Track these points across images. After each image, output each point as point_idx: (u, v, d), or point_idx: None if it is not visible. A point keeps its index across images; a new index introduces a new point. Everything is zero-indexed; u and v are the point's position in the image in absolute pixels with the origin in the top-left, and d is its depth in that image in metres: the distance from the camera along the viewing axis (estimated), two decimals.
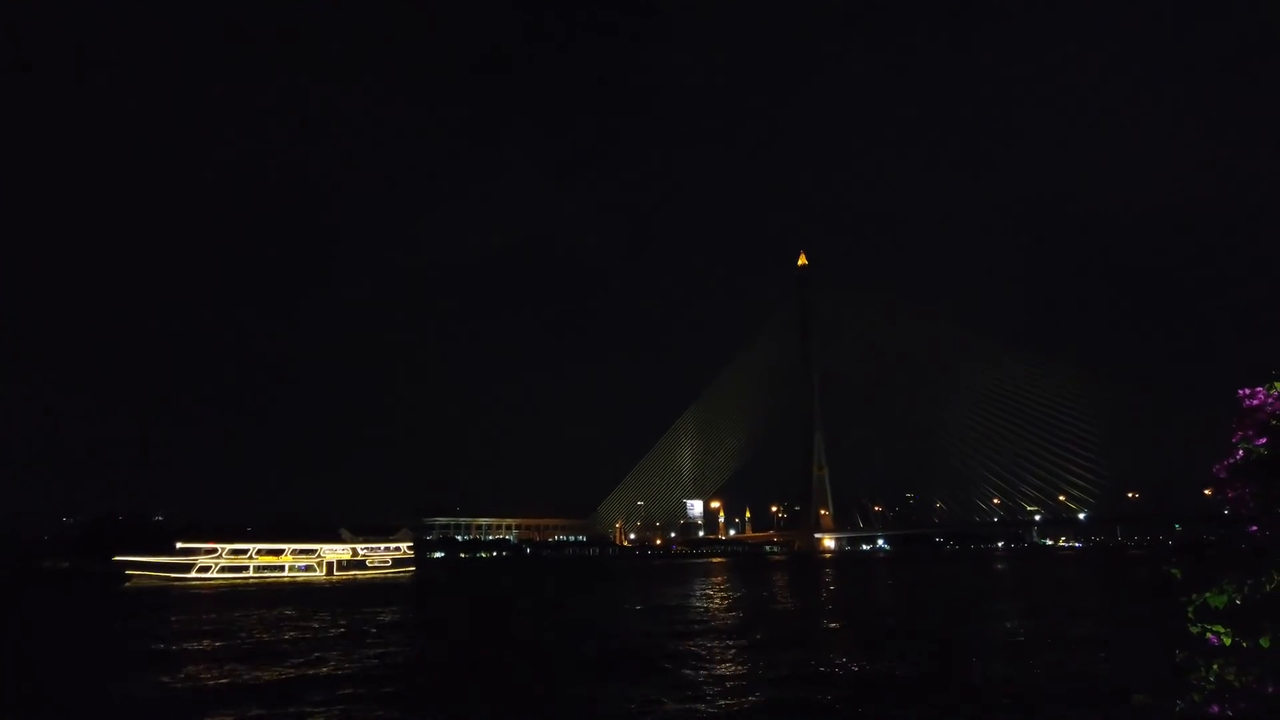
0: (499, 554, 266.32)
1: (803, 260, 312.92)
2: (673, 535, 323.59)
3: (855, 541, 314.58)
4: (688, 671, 35.57)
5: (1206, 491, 8.07)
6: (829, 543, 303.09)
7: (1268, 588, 6.85)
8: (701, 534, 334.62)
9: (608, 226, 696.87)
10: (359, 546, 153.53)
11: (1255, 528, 7.25)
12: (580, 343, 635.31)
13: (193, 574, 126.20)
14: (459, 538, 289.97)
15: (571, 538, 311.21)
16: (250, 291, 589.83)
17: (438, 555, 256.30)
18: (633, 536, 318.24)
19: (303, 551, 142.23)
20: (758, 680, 33.64)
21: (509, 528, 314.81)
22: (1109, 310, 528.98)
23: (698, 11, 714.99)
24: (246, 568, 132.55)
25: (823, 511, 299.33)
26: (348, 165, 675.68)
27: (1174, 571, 7.35)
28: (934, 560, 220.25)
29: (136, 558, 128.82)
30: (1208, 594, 7.05)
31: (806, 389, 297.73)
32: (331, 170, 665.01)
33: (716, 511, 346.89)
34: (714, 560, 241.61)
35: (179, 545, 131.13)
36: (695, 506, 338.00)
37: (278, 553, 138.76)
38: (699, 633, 50.99)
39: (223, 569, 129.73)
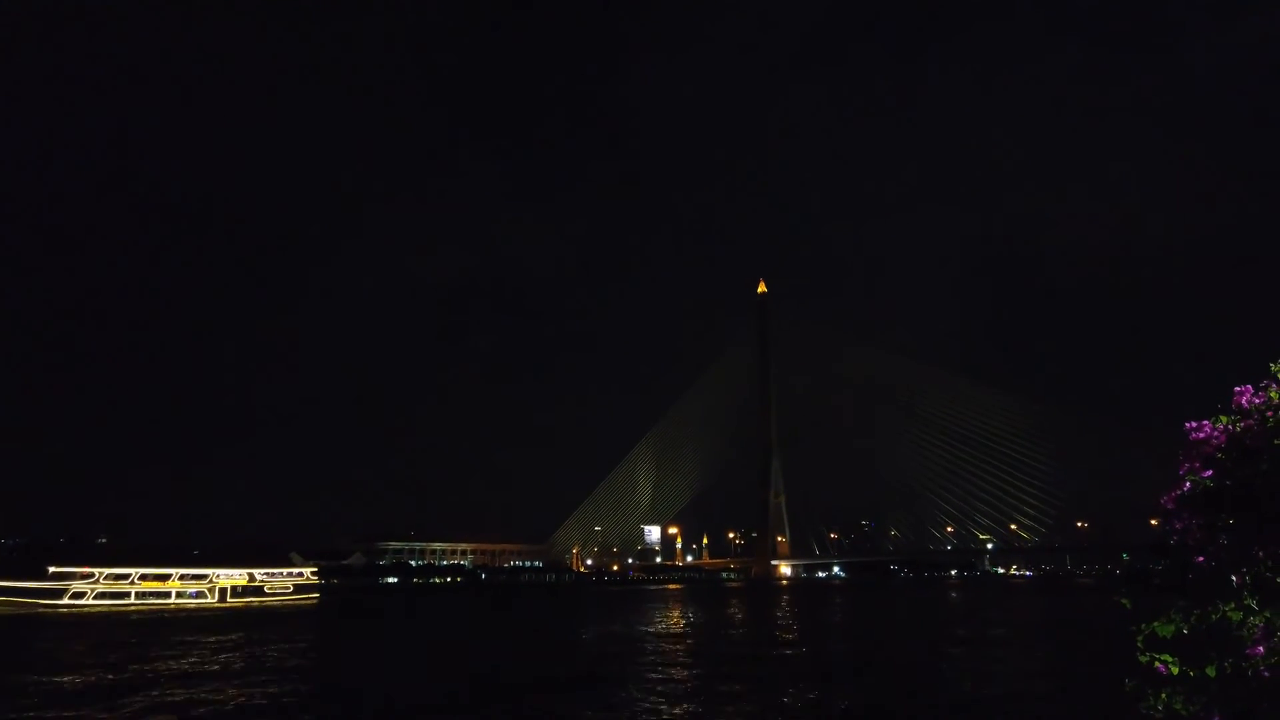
0: (453, 579, 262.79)
1: (762, 288, 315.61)
2: (630, 561, 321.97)
3: (811, 568, 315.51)
4: (635, 698, 35.25)
5: (1154, 521, 8.23)
6: (785, 569, 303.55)
7: (1214, 618, 6.97)
8: (659, 560, 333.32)
9: (567, 252, 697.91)
10: (257, 572, 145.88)
11: (1202, 558, 7.39)
12: (537, 368, 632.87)
13: (64, 601, 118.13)
14: (413, 563, 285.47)
15: (528, 563, 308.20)
16: (209, 315, 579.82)
17: (391, 580, 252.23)
18: (590, 562, 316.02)
19: (194, 577, 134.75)
20: (712, 714, 33.45)
21: (464, 553, 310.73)
22: (1059, 342, 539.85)
23: (663, 42, 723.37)
24: (127, 594, 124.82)
25: (780, 538, 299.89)
26: (306, 188, 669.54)
27: (1123, 601, 7.46)
28: (888, 588, 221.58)
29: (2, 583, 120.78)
30: (1156, 624, 7.16)
31: (764, 416, 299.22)
32: (290, 192, 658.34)
33: (674, 538, 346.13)
34: (671, 587, 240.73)
35: (51, 570, 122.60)
36: (653, 532, 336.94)
37: (164, 578, 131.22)
38: (652, 663, 50.65)
39: (100, 595, 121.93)
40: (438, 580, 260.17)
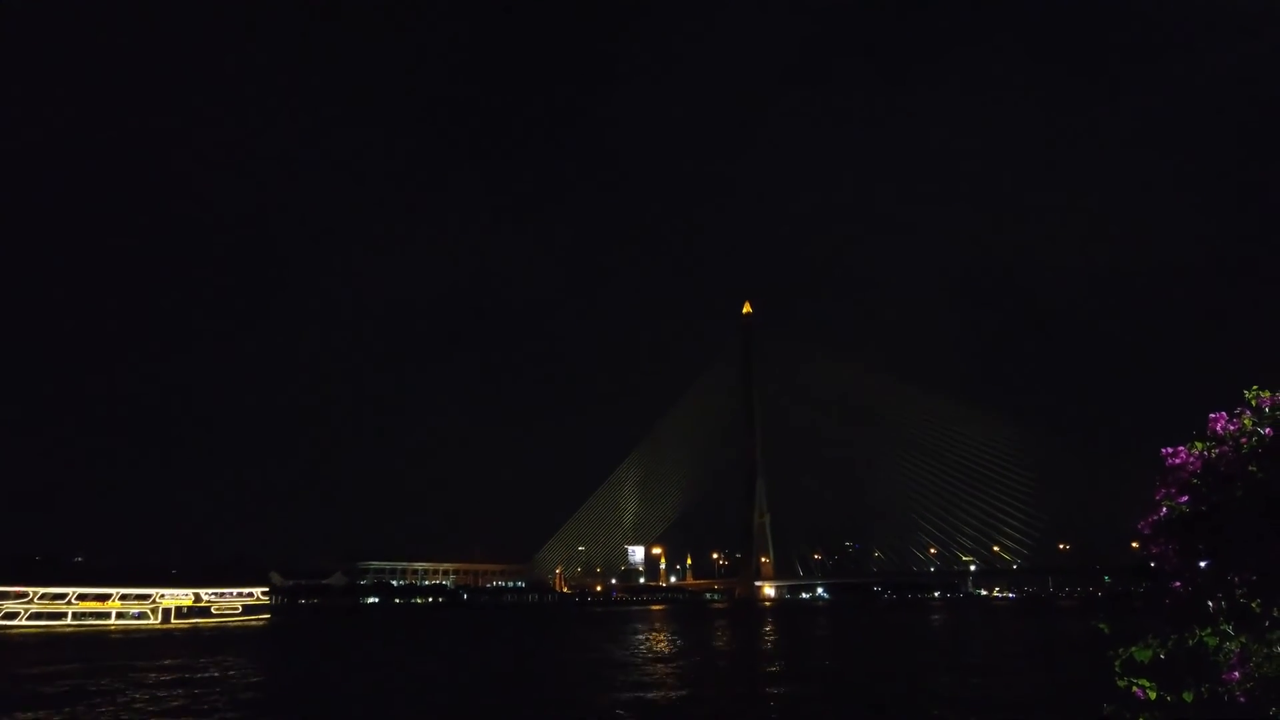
0: (435, 599, 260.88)
1: (747, 308, 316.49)
2: (613, 582, 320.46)
3: (795, 590, 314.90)
4: None
5: (1134, 545, 8.30)
6: (769, 591, 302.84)
7: (1191, 643, 7.04)
8: (643, 581, 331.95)
9: (551, 269, 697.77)
10: (204, 592, 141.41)
11: (1179, 583, 7.46)
12: (521, 386, 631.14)
13: None
14: (394, 582, 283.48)
15: (510, 583, 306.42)
16: (189, 333, 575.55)
17: (373, 600, 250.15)
18: (573, 583, 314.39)
19: (136, 597, 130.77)
20: None
21: (446, 573, 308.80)
22: (1041, 364, 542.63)
23: (648, 60, 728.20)
24: (64, 615, 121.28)
25: (764, 559, 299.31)
26: (289, 206, 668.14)
27: (1102, 626, 7.52)
28: (873, 610, 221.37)
29: None
30: (1134, 648, 7.22)
31: (749, 436, 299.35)
32: (272, 210, 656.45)
33: (658, 558, 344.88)
34: (654, 608, 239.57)
35: None
36: (636, 553, 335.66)
37: (104, 598, 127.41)
38: (633, 693, 50.39)
39: (34, 616, 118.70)
40: (419, 600, 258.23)
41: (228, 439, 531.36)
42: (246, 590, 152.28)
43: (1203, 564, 7.23)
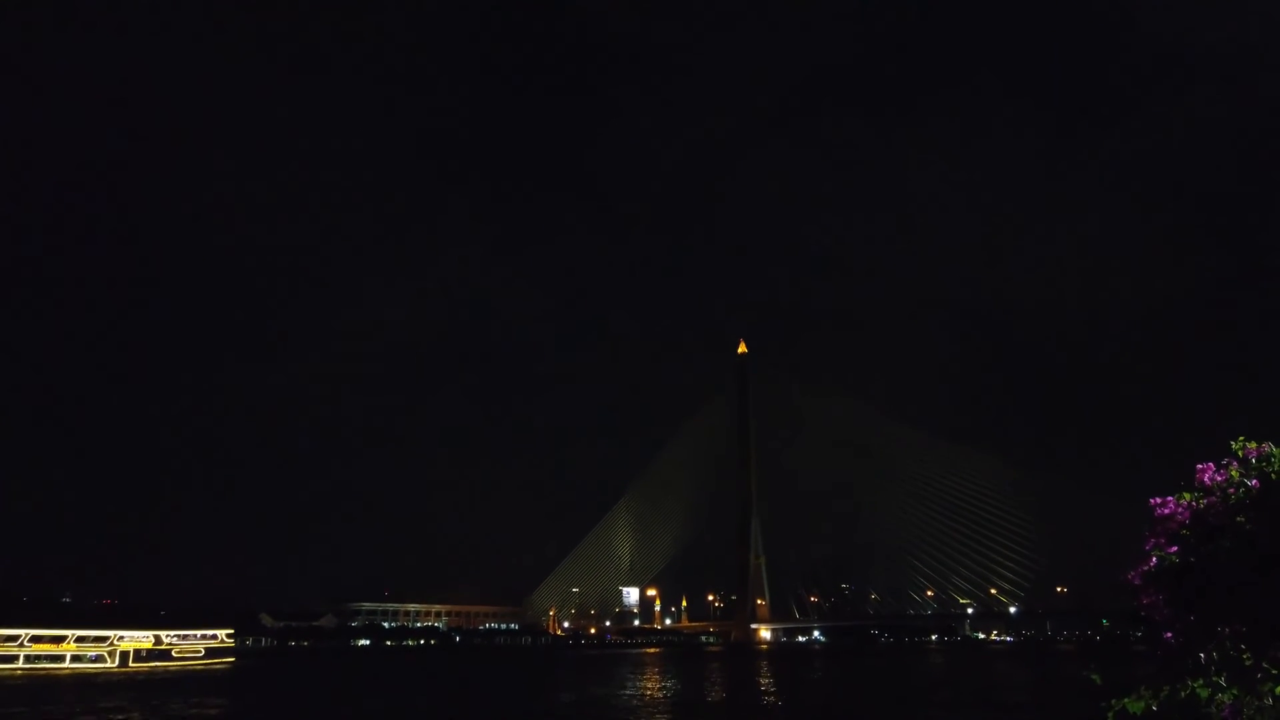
0: (427, 641, 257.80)
1: (742, 348, 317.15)
2: (607, 624, 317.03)
3: (791, 633, 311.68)
4: None
5: (1127, 586, 8.31)
6: (765, 634, 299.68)
7: (1183, 694, 7.03)
8: (637, 623, 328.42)
9: (544, 309, 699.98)
10: (165, 634, 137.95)
11: (1170, 635, 7.46)
12: (515, 424, 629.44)
13: None
14: (386, 624, 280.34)
15: (503, 625, 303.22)
16: (182, 364, 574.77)
17: (363, 643, 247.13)
18: (566, 625, 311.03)
19: (93, 639, 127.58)
20: None
21: (438, 615, 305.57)
22: (1036, 406, 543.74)
23: (642, 98, 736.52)
24: (16, 657, 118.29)
25: (759, 601, 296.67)
26: (282, 244, 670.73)
27: (1094, 676, 7.51)
28: (870, 653, 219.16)
29: None
30: (1126, 700, 7.21)
31: (744, 477, 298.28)
32: (264, 247, 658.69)
33: (653, 600, 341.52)
34: (649, 651, 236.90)
35: None
36: (631, 594, 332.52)
37: (59, 639, 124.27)
38: None
39: None
40: (411, 643, 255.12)
41: (217, 478, 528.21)
42: (210, 632, 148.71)
43: (1193, 616, 7.25)
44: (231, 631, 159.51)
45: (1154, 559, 7.70)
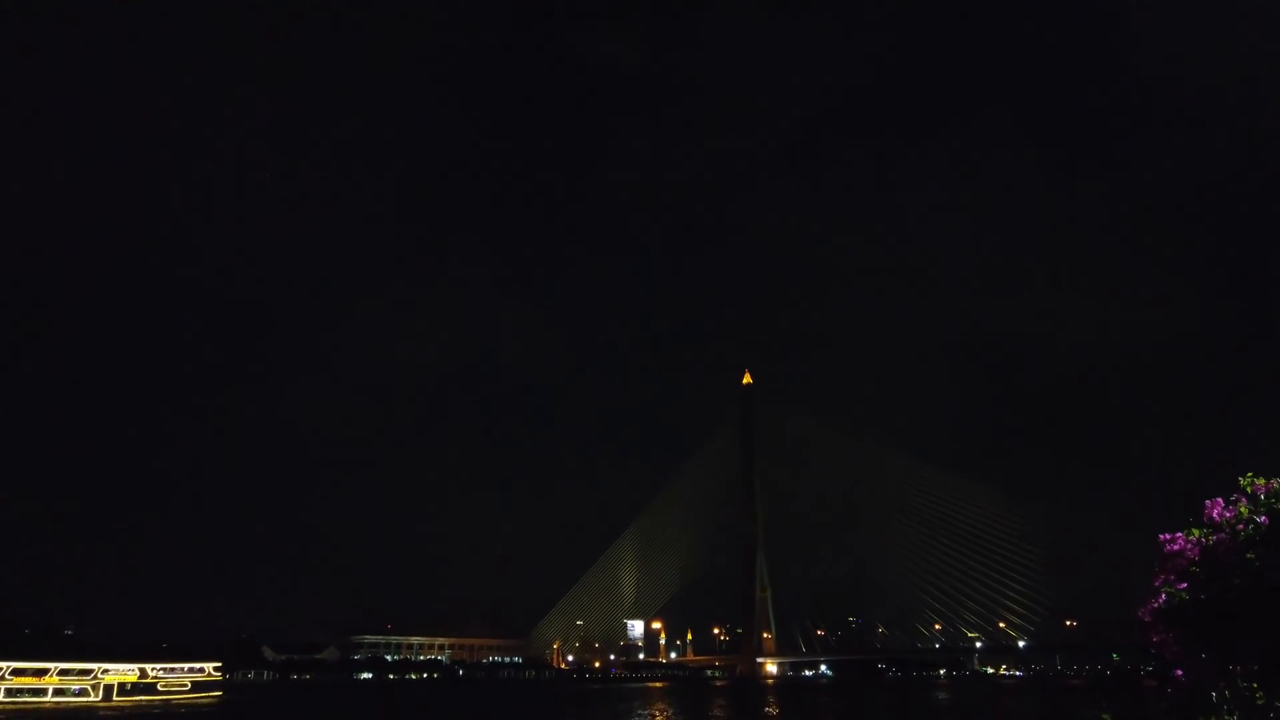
0: (430, 675, 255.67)
1: (747, 379, 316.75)
2: (612, 657, 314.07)
3: (798, 666, 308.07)
4: None
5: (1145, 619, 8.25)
6: (771, 668, 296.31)
7: None
8: (642, 656, 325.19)
9: (550, 338, 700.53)
10: (150, 667, 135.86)
11: (1181, 672, 7.41)
12: (519, 457, 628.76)
13: None
14: (389, 657, 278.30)
15: (507, 659, 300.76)
16: (186, 395, 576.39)
17: (366, 676, 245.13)
18: (570, 658, 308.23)
19: (77, 673, 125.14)
20: None
21: (441, 648, 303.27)
22: (1045, 439, 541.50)
23: (646, 134, 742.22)
24: None
25: (765, 635, 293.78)
26: (287, 278, 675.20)
27: (1104, 717, 7.45)
28: (877, 688, 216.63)
29: None
30: None
31: (749, 509, 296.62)
32: (270, 281, 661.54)
33: (658, 633, 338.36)
34: (654, 685, 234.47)
35: None
36: (636, 627, 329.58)
37: (41, 673, 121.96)
38: None
39: None
40: (414, 676, 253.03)
41: (222, 511, 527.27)
42: (197, 665, 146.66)
43: (1204, 654, 7.21)
44: (219, 665, 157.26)
45: (1164, 595, 7.66)
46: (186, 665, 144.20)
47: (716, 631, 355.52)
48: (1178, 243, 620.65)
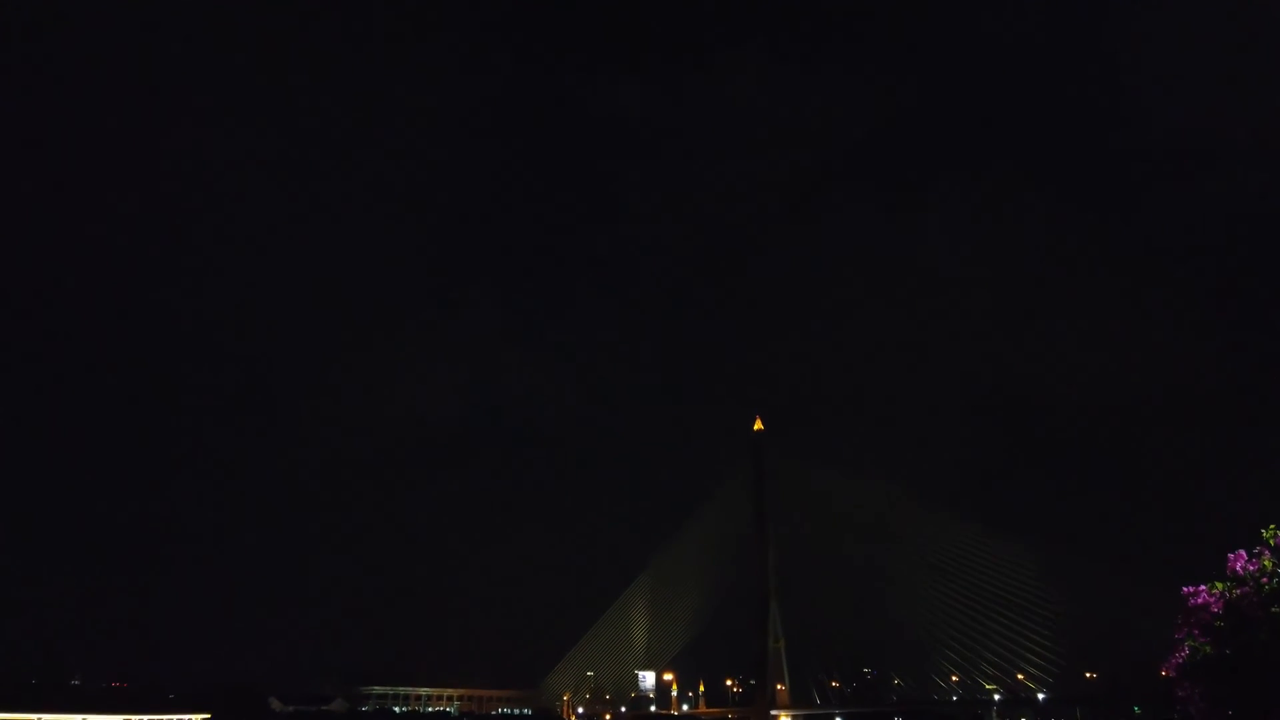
0: None
1: (758, 425, 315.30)
2: (623, 710, 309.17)
3: (813, 718, 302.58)
4: None
5: (1164, 673, 8.14)
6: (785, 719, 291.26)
7: None
8: (654, 708, 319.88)
9: (561, 388, 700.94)
10: (136, 719, 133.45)
11: None
12: (528, 506, 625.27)
13: None
14: (397, 708, 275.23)
15: (516, 710, 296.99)
16: (192, 446, 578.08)
17: None
18: (581, 710, 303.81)
19: None
20: None
21: (450, 699, 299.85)
22: (1062, 487, 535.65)
23: (658, 183, 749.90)
24: None
25: (779, 686, 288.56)
26: (293, 324, 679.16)
27: None
28: None
29: None
30: None
31: (762, 558, 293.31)
32: (277, 325, 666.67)
33: (669, 684, 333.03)
34: None
35: None
36: (648, 678, 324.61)
37: None
38: None
39: None
40: None
41: (229, 560, 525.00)
42: (185, 717, 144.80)
43: (1230, 710, 7.11)
44: (209, 717, 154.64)
45: (1187, 649, 7.58)
46: (175, 717, 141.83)
47: (729, 683, 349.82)
48: (1194, 289, 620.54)
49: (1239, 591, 7.53)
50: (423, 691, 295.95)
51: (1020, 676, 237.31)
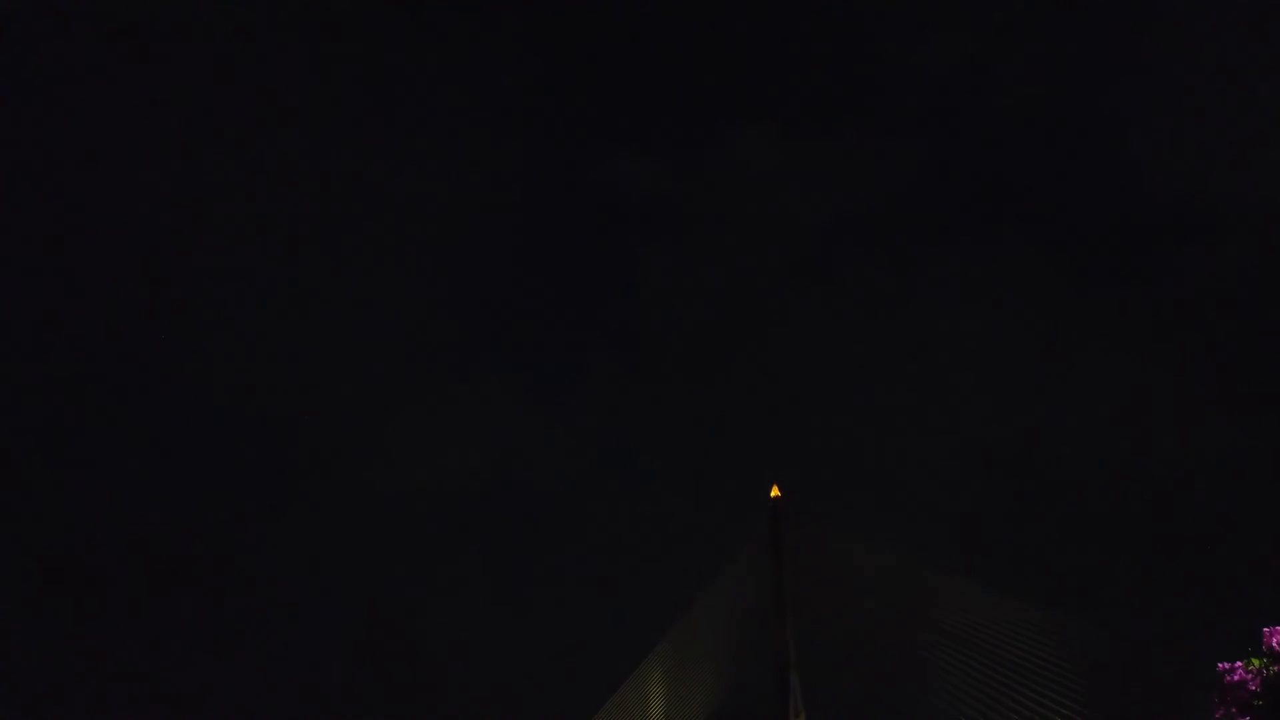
0: None
1: (775, 492, 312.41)
2: None
3: None
4: None
5: None
6: None
7: None
8: None
9: (571, 458, 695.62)
10: None
11: None
12: (540, 575, 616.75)
13: None
14: None
15: None
16: (195, 511, 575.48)
17: None
18: None
19: None
20: None
21: None
22: (1089, 556, 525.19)
23: (665, 252, 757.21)
24: None
25: None
26: (306, 380, 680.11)
27: None
28: None
29: None
30: None
31: (780, 628, 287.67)
32: (287, 396, 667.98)
33: None
34: None
35: None
36: None
37: None
38: None
39: None
40: None
41: (228, 628, 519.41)
42: None
43: None
44: None
45: None
46: None
47: None
48: (1212, 353, 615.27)
49: (1276, 669, 7.36)
50: None
51: None
